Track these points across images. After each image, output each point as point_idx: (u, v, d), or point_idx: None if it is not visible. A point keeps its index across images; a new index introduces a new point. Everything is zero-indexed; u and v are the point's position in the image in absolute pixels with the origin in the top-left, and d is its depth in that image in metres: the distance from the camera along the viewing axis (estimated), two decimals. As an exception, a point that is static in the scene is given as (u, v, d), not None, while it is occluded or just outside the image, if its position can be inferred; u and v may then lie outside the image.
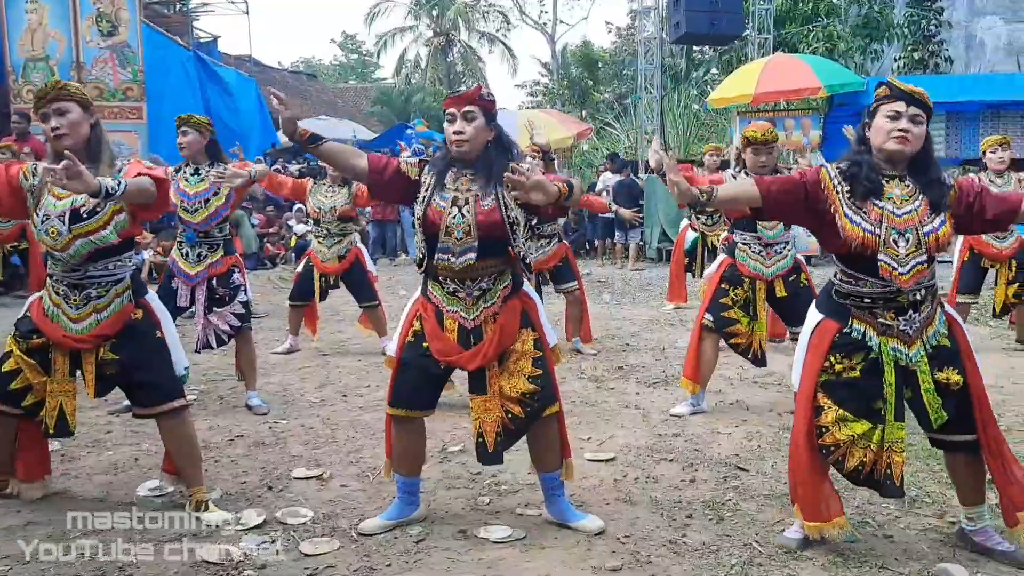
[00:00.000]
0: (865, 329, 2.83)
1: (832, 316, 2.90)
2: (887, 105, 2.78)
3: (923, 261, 2.78)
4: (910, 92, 2.75)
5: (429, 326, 3.09)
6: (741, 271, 4.69)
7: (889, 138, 2.76)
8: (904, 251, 2.75)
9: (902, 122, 2.75)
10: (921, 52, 18.84)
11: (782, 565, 2.89)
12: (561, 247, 6.45)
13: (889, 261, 2.75)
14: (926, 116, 2.78)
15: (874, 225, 2.76)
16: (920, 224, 2.78)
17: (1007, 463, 2.86)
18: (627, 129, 19.28)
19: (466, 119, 3.00)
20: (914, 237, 2.77)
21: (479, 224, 2.99)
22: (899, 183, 2.82)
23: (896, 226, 2.77)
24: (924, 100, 2.76)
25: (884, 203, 2.78)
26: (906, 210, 2.79)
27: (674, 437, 4.41)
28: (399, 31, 32.91)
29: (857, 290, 2.84)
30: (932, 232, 2.78)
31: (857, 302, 2.85)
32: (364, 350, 6.67)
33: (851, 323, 2.85)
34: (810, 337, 2.95)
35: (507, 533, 3.16)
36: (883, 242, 2.75)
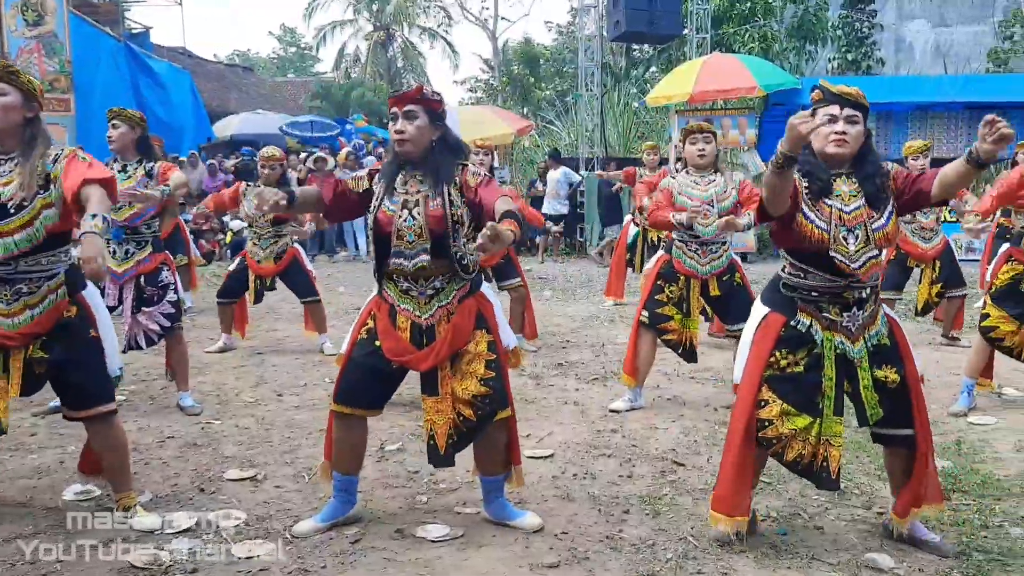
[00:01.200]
0: (811, 322, 2.88)
1: (778, 310, 2.95)
2: (823, 109, 2.83)
3: (874, 255, 2.84)
4: (843, 94, 2.80)
5: (382, 324, 3.05)
6: (677, 268, 4.74)
7: (828, 142, 2.82)
8: (854, 247, 2.81)
9: (839, 125, 2.80)
10: (854, 54, 19.31)
11: (716, 558, 2.93)
12: (503, 245, 6.42)
13: (841, 257, 2.81)
14: (862, 115, 2.84)
15: (826, 223, 2.82)
16: (868, 220, 2.84)
17: (927, 462, 2.94)
18: (568, 126, 19.37)
19: (407, 118, 2.97)
20: (863, 233, 2.83)
21: (430, 225, 2.96)
22: (846, 180, 2.88)
23: (846, 223, 2.83)
24: (858, 100, 2.81)
25: (833, 201, 2.85)
26: (854, 207, 2.85)
27: (612, 433, 4.43)
28: (338, 24, 32.53)
29: (805, 284, 2.89)
30: (881, 228, 2.84)
31: (804, 295, 2.90)
32: (301, 348, 6.57)
33: (797, 316, 2.90)
34: (755, 331, 2.99)
35: (445, 532, 3.14)
36: (833, 239, 2.81)
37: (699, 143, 4.68)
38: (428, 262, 2.97)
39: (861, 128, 2.83)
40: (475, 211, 3.01)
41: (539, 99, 25.59)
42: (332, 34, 32.59)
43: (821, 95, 2.85)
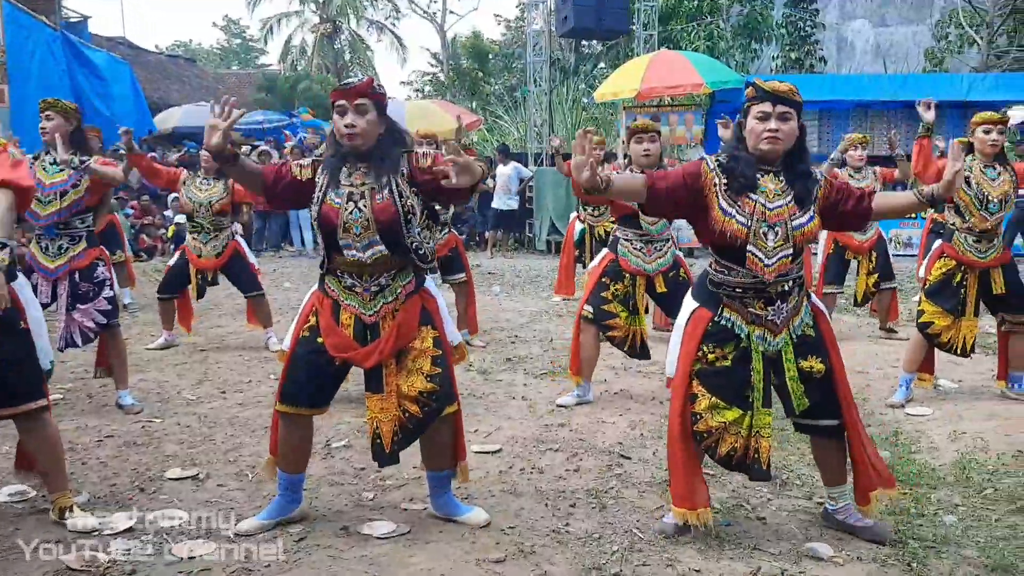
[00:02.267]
0: (735, 318, 2.93)
1: (705, 305, 2.99)
2: (756, 106, 2.86)
3: (789, 254, 2.88)
4: (775, 91, 2.83)
5: (325, 321, 3.01)
6: (623, 266, 4.77)
7: (760, 139, 2.85)
8: (772, 244, 2.85)
9: (771, 122, 2.83)
10: (798, 52, 19.67)
11: (661, 550, 2.96)
12: (451, 237, 6.41)
13: (757, 253, 2.85)
14: (795, 112, 2.87)
15: (747, 218, 2.85)
16: (790, 218, 2.88)
17: (865, 447, 3.01)
18: (517, 121, 19.39)
19: (358, 112, 2.92)
20: (783, 231, 2.87)
21: (377, 218, 2.93)
22: (773, 178, 2.91)
23: (767, 219, 2.86)
24: (790, 97, 2.84)
25: (757, 197, 2.87)
26: (777, 204, 2.88)
27: (560, 427, 4.45)
28: (284, 16, 32.05)
29: (729, 279, 2.93)
30: (801, 227, 2.88)
31: (729, 291, 2.94)
32: (245, 344, 6.48)
33: (722, 311, 2.94)
34: (685, 325, 3.03)
35: (391, 528, 3.12)
36: (753, 234, 2.85)
37: (644, 142, 4.72)
38: (380, 255, 2.94)
39: (794, 125, 2.86)
40: (432, 192, 2.98)
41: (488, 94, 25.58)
42: (278, 26, 32.10)
43: (755, 92, 2.88)
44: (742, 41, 18.44)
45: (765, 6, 18.89)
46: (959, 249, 4.75)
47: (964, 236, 4.74)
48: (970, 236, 4.72)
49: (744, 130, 2.92)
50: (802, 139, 2.93)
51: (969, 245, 4.73)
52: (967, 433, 4.32)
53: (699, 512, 2.95)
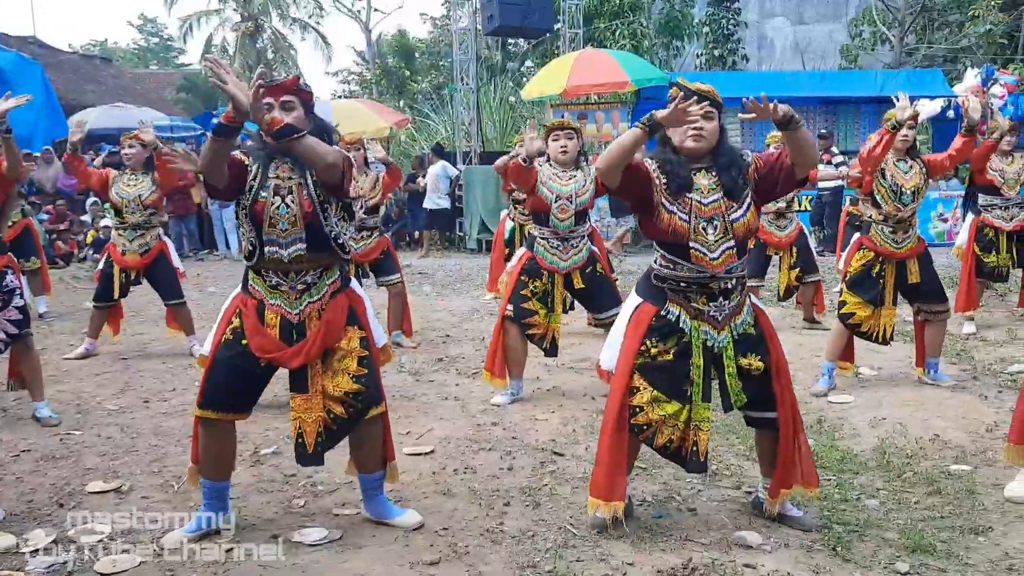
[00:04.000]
0: (679, 312, 2.97)
1: (650, 300, 3.03)
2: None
3: (731, 247, 2.94)
4: (699, 91, 2.91)
5: (249, 322, 2.95)
6: (540, 264, 4.80)
7: (685, 137, 2.93)
8: (713, 238, 2.91)
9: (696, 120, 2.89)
10: (720, 50, 20.05)
11: (594, 545, 2.98)
12: (382, 240, 6.38)
13: (700, 248, 2.91)
14: (717, 111, 2.95)
15: (688, 215, 2.91)
16: (726, 211, 2.93)
17: (792, 444, 3.08)
18: (445, 120, 19.32)
19: (285, 109, 2.90)
20: (721, 224, 2.92)
21: (304, 213, 2.89)
22: (705, 174, 2.98)
23: (704, 215, 2.92)
24: (713, 96, 2.92)
25: (694, 195, 2.94)
26: (712, 199, 2.94)
27: (493, 426, 4.45)
28: (203, 15, 31.28)
29: (674, 274, 2.98)
30: (738, 220, 2.94)
31: (673, 286, 2.99)
32: (169, 352, 6.30)
33: (667, 306, 2.98)
34: (628, 321, 3.06)
35: (323, 535, 3.07)
36: (693, 230, 2.91)
37: (561, 140, 4.77)
38: (304, 251, 2.90)
39: (716, 123, 2.96)
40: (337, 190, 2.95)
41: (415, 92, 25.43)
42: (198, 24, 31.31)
43: (679, 92, 2.93)
44: (664, 39, 18.71)
45: (686, 4, 19.20)
46: (877, 241, 4.90)
47: (881, 228, 4.89)
48: (886, 227, 4.87)
49: (667, 130, 2.96)
50: (723, 137, 3.02)
51: (886, 236, 4.88)
52: (887, 419, 4.46)
53: (612, 505, 2.99)
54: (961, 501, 3.38)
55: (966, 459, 3.86)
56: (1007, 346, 6.18)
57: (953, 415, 4.50)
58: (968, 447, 4.02)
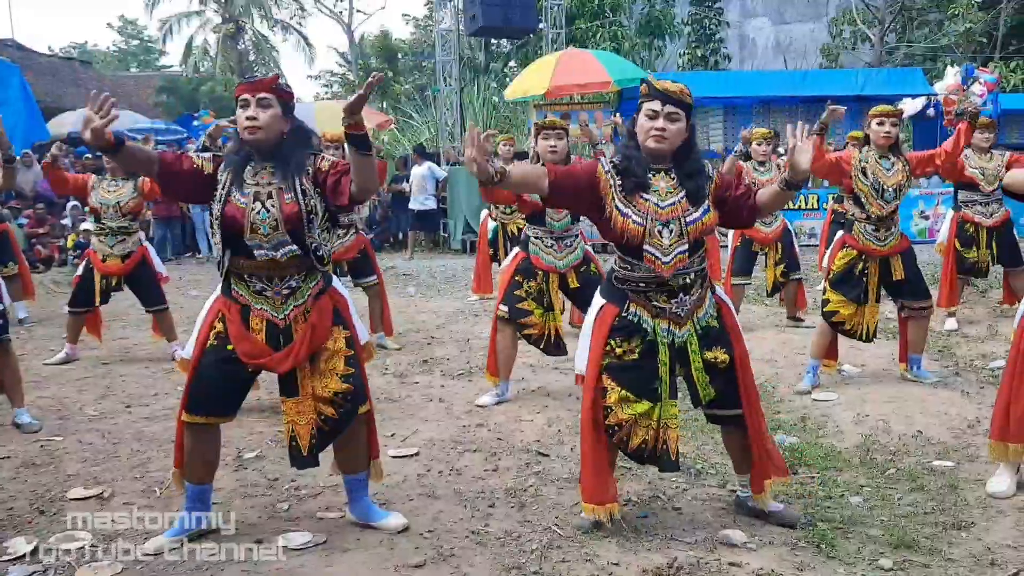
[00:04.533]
0: (640, 312, 2.97)
1: (612, 301, 3.03)
2: (647, 104, 2.92)
3: (684, 250, 2.94)
4: (665, 91, 2.89)
5: (234, 327, 2.93)
6: (535, 264, 4.79)
7: (648, 137, 2.91)
8: (668, 241, 2.91)
9: (659, 121, 2.89)
10: (703, 50, 20.13)
11: (580, 546, 2.98)
12: (359, 238, 6.31)
13: (653, 251, 2.91)
14: (684, 113, 2.92)
15: (642, 217, 2.91)
16: (683, 215, 2.93)
17: (762, 436, 3.09)
18: (428, 121, 19.29)
19: (261, 105, 2.87)
20: (677, 227, 2.92)
21: (285, 218, 2.87)
22: (665, 176, 2.97)
23: (660, 217, 2.92)
24: (680, 98, 2.89)
25: (650, 196, 2.93)
26: (670, 202, 2.94)
27: (478, 427, 4.44)
28: (184, 16, 31.11)
29: (632, 275, 2.98)
30: (695, 222, 2.94)
31: (633, 286, 2.99)
32: (151, 356, 6.25)
33: (628, 306, 2.98)
34: (593, 321, 3.07)
35: (307, 539, 3.05)
36: (648, 233, 2.90)
37: (551, 139, 4.75)
38: (292, 254, 2.89)
39: (682, 125, 2.92)
40: (330, 192, 2.93)
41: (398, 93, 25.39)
42: (178, 26, 31.14)
43: (647, 90, 2.93)
44: (646, 39, 18.77)
45: (667, 4, 19.27)
46: (860, 239, 4.92)
47: (864, 226, 4.91)
48: (869, 225, 4.89)
49: (636, 126, 2.97)
50: (691, 140, 2.99)
51: (869, 234, 4.90)
52: (870, 416, 4.48)
53: (608, 507, 2.99)
54: (944, 497, 3.40)
55: (948, 455, 3.89)
56: (988, 342, 6.23)
57: (935, 411, 4.53)
58: (950, 443, 4.05)
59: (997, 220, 6.58)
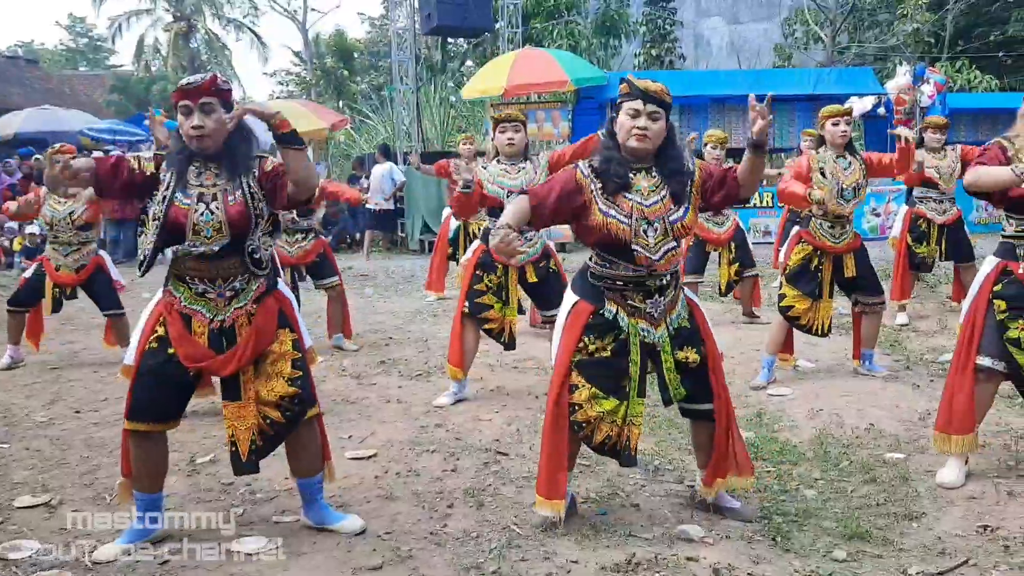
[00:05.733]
0: (616, 310, 2.98)
1: (587, 298, 3.03)
2: (628, 103, 2.92)
3: (673, 247, 2.95)
4: (647, 90, 2.89)
5: (175, 330, 2.87)
6: (495, 257, 4.77)
7: (629, 136, 2.92)
8: (653, 240, 2.92)
9: (640, 120, 2.89)
10: (658, 49, 20.28)
11: (539, 544, 2.97)
12: (319, 242, 6.29)
13: (641, 250, 2.91)
14: (664, 112, 2.93)
15: (627, 217, 2.91)
16: (667, 213, 2.94)
17: (731, 435, 3.12)
18: (385, 120, 19.17)
19: (204, 112, 2.80)
20: (661, 226, 2.93)
21: (230, 220, 2.81)
22: (646, 175, 2.98)
23: (645, 216, 2.92)
24: (661, 97, 2.90)
25: (633, 195, 2.93)
26: (653, 201, 2.95)
27: (436, 428, 4.41)
28: (133, 14, 30.57)
29: (611, 273, 2.98)
30: (678, 221, 2.95)
31: (610, 284, 2.99)
32: (101, 361, 6.11)
33: (604, 304, 2.99)
34: (566, 318, 3.06)
35: (262, 544, 3.01)
36: (634, 232, 2.90)
37: (508, 132, 4.74)
38: (223, 257, 2.84)
39: (663, 124, 2.93)
40: (270, 194, 2.88)
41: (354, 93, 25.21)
42: (128, 24, 30.59)
43: (628, 88, 2.93)
44: (602, 38, 18.85)
45: (622, 4, 19.37)
46: (815, 235, 4.99)
47: (819, 223, 4.98)
48: (825, 222, 4.96)
49: (616, 125, 2.96)
50: (671, 138, 3.00)
51: (824, 231, 4.97)
52: (824, 410, 4.55)
53: (553, 503, 3.00)
54: (895, 488, 3.45)
55: (900, 447, 3.96)
56: (938, 336, 6.36)
57: (887, 405, 4.61)
58: (902, 435, 4.12)
59: (949, 217, 6.71)
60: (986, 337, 3.43)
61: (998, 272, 3.46)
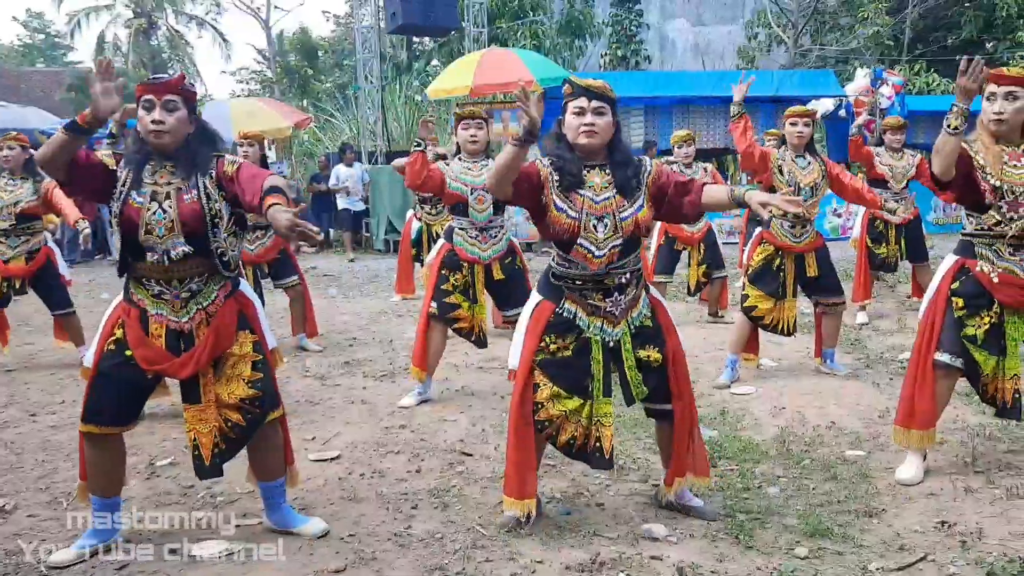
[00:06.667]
0: (576, 309, 2.98)
1: (548, 297, 3.03)
2: (572, 102, 2.94)
3: (618, 245, 2.95)
4: (589, 87, 2.91)
5: (133, 332, 2.82)
6: (460, 256, 4.76)
7: (578, 134, 2.93)
8: (602, 235, 2.93)
9: (587, 117, 2.91)
10: (624, 50, 20.38)
11: (504, 544, 2.96)
12: (278, 239, 6.19)
13: (587, 245, 2.92)
14: (610, 107, 2.94)
15: (577, 212, 2.92)
16: (617, 210, 2.95)
17: (689, 435, 3.12)
18: (350, 119, 19.04)
19: (167, 109, 2.76)
20: (611, 222, 2.93)
21: (182, 219, 2.77)
22: (599, 172, 2.98)
23: (595, 212, 2.93)
24: (604, 93, 2.92)
25: (586, 191, 2.94)
26: (604, 197, 2.95)
27: (401, 429, 4.38)
28: (93, 10, 30.05)
29: (569, 272, 2.99)
30: (629, 217, 2.95)
31: (570, 284, 3.00)
32: (58, 362, 6.00)
33: (564, 303, 2.99)
34: (529, 318, 3.06)
35: (223, 548, 2.97)
36: (583, 227, 2.91)
37: (471, 128, 4.72)
38: (182, 259, 2.78)
39: (609, 119, 2.94)
40: (237, 201, 2.84)
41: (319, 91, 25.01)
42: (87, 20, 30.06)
43: (571, 89, 2.94)
44: (568, 39, 18.90)
45: (587, 4, 19.44)
46: (777, 235, 5.03)
47: (781, 223, 5.03)
48: (786, 223, 5.01)
49: (563, 127, 2.97)
50: (618, 134, 3.01)
51: (785, 231, 5.02)
52: (787, 408, 4.59)
53: (524, 503, 3.00)
54: (856, 485, 3.49)
55: (860, 445, 4.00)
56: (897, 335, 6.45)
57: (848, 403, 4.67)
58: (862, 433, 4.17)
59: (905, 217, 6.81)
60: (944, 334, 3.49)
61: (956, 270, 3.52)
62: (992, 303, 3.43)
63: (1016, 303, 3.42)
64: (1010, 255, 3.41)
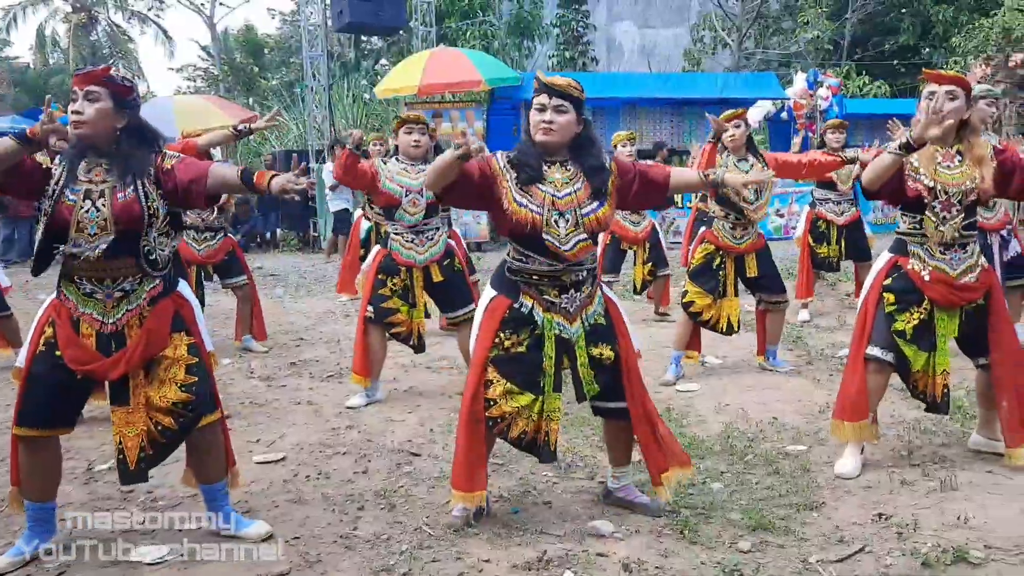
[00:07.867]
0: (532, 304, 3.00)
1: (504, 292, 3.04)
2: (536, 98, 2.97)
3: (584, 239, 2.98)
4: (550, 84, 2.94)
5: (63, 332, 2.75)
6: (396, 260, 4.74)
7: (537, 130, 2.95)
8: (564, 230, 2.95)
9: (546, 114, 2.93)
10: (571, 52, 20.48)
11: (451, 544, 2.96)
12: (227, 240, 6.13)
13: (552, 240, 2.94)
14: (572, 105, 2.96)
15: (539, 207, 2.93)
16: (579, 206, 2.97)
17: (655, 430, 3.15)
18: (297, 118, 18.83)
19: (88, 99, 2.71)
20: (573, 217, 2.96)
21: (116, 217, 2.70)
22: (560, 168, 3.01)
23: (557, 208, 2.95)
24: (565, 90, 2.94)
25: (546, 187, 2.97)
26: (566, 192, 2.98)
27: (348, 430, 4.35)
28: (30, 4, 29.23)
29: (526, 267, 3.01)
30: (590, 214, 2.98)
31: (526, 279, 3.01)
32: (-6, 366, 5.82)
33: (520, 299, 3.00)
34: (484, 312, 3.07)
35: (164, 552, 2.91)
36: (545, 222, 2.93)
37: (414, 133, 4.72)
38: (111, 257, 2.73)
39: (571, 117, 2.96)
40: (176, 196, 2.80)
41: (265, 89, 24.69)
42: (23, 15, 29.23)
43: (537, 85, 2.98)
44: (516, 39, 18.94)
45: (535, 5, 19.50)
46: (718, 236, 5.11)
47: (723, 224, 5.11)
48: (727, 223, 5.09)
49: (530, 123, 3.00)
50: (586, 132, 3.04)
51: (727, 232, 5.11)
52: (730, 405, 4.67)
53: (475, 495, 3.00)
54: (797, 479, 3.56)
55: (801, 439, 4.09)
56: (837, 332, 6.60)
57: (790, 399, 4.76)
58: (803, 428, 4.25)
59: (848, 218, 6.98)
60: (876, 329, 3.59)
61: (890, 267, 3.62)
62: (922, 299, 3.53)
63: (946, 300, 3.52)
64: (940, 254, 3.51)
